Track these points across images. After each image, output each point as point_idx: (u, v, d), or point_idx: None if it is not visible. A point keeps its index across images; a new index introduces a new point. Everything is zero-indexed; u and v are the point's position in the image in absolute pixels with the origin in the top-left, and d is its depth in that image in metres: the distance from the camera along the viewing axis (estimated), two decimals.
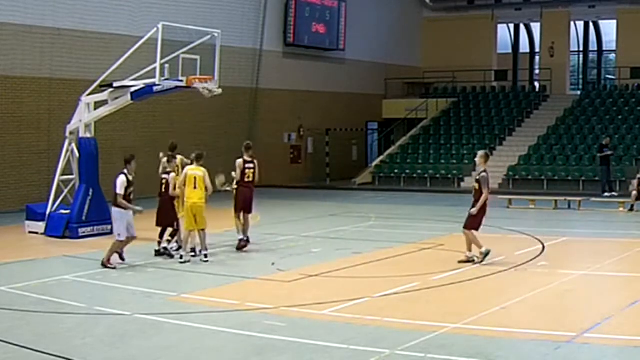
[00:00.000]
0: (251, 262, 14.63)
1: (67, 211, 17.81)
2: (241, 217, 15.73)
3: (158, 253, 14.91)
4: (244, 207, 15.72)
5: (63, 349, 8.64)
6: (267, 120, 32.24)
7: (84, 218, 17.61)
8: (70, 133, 18.52)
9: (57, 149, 19.75)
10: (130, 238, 14.00)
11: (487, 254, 13.77)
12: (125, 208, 13.76)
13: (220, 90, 17.46)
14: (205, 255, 14.33)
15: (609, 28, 39.47)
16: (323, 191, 30.84)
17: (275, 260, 14.54)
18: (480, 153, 14.41)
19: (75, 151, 18.40)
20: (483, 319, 9.88)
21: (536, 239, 16.62)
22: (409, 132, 35.97)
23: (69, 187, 18.56)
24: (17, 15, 23.09)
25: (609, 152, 27.44)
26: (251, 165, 15.69)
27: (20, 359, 8.51)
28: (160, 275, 13.30)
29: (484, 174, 13.97)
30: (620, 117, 33.07)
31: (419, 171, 32.61)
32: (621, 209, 22.51)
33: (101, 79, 18.08)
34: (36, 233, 18.03)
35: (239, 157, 15.77)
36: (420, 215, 22.61)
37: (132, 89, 17.60)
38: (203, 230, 14.34)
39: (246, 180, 15.63)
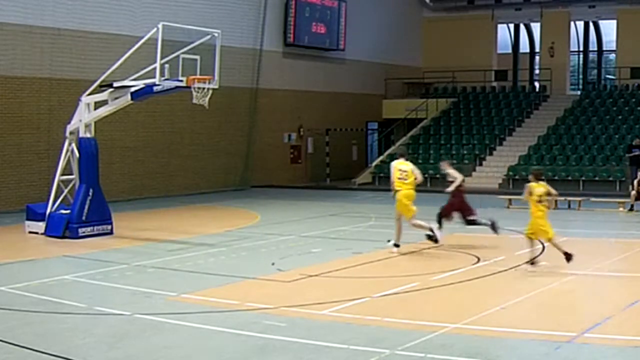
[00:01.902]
0: (251, 262, 14.62)
1: (67, 211, 17.79)
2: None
3: None
4: None
5: (63, 349, 8.63)
6: (267, 120, 32.21)
7: (84, 218, 17.59)
8: (70, 133, 18.51)
9: (57, 149, 19.75)
10: None
11: None
12: None
13: (205, 102, 17.31)
14: None
15: (609, 28, 39.46)
16: (323, 191, 30.78)
17: (275, 260, 14.53)
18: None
19: (75, 151, 18.38)
20: (483, 319, 9.87)
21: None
22: (409, 132, 35.94)
23: (69, 187, 18.54)
24: (17, 15, 23.10)
25: (638, 153, 27.30)
26: None
27: (20, 359, 8.51)
28: (160, 275, 13.30)
29: None
30: (620, 117, 33.07)
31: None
32: (621, 209, 22.50)
33: (101, 79, 18.05)
34: (36, 233, 18.01)
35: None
36: (420, 216, 22.51)
37: (132, 89, 17.57)
38: None
39: None
